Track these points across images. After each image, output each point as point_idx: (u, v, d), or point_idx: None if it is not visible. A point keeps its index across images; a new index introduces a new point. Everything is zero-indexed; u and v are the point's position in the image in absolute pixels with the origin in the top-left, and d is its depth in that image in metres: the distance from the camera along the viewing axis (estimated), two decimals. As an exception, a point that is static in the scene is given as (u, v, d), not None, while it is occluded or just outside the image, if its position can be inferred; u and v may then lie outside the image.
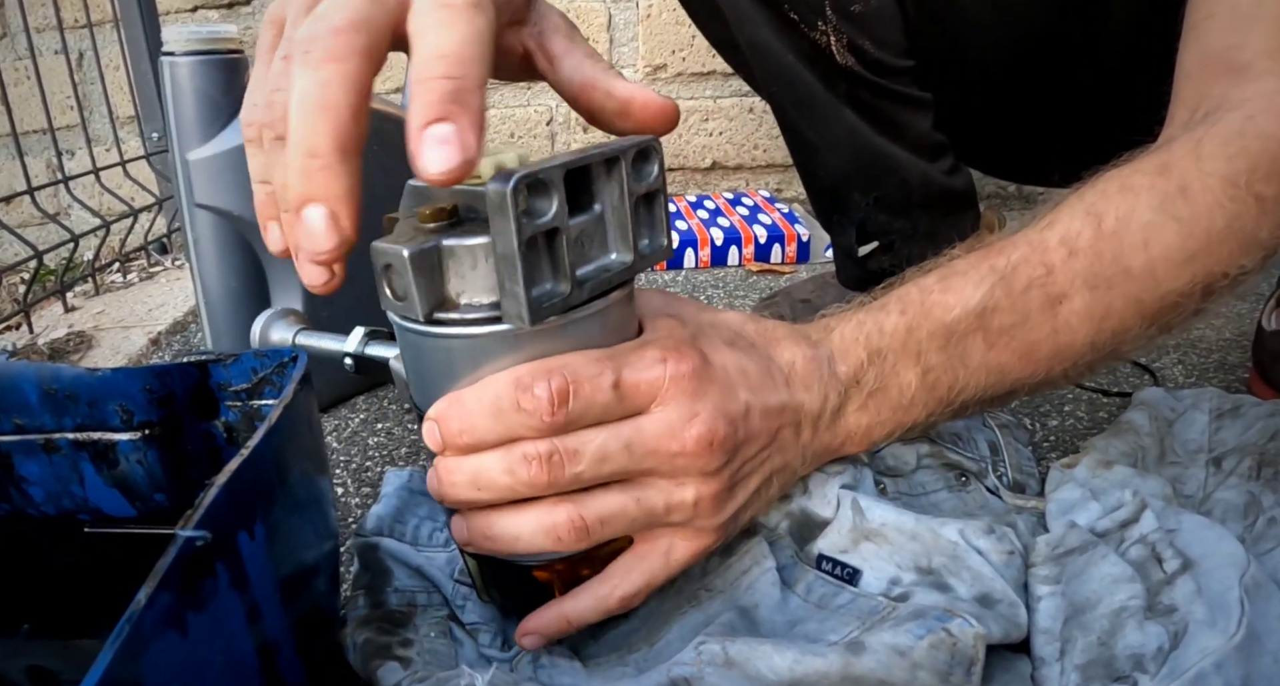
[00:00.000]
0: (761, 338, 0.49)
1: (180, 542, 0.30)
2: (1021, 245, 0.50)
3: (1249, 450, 0.61)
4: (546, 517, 0.42)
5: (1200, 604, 0.44)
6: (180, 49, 0.81)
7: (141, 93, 1.65)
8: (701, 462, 0.43)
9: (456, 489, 0.43)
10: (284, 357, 0.51)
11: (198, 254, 0.86)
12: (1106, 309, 0.49)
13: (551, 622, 0.47)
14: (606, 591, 0.46)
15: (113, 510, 0.54)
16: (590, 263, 0.42)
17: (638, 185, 0.41)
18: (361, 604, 0.54)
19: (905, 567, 0.47)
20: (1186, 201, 0.49)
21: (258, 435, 0.38)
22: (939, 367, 0.49)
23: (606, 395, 0.41)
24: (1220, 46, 0.56)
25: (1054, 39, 0.87)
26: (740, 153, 1.89)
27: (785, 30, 0.88)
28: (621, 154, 0.40)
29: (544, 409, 0.39)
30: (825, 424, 0.48)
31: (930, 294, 0.50)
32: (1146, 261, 0.48)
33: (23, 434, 0.52)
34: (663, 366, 0.42)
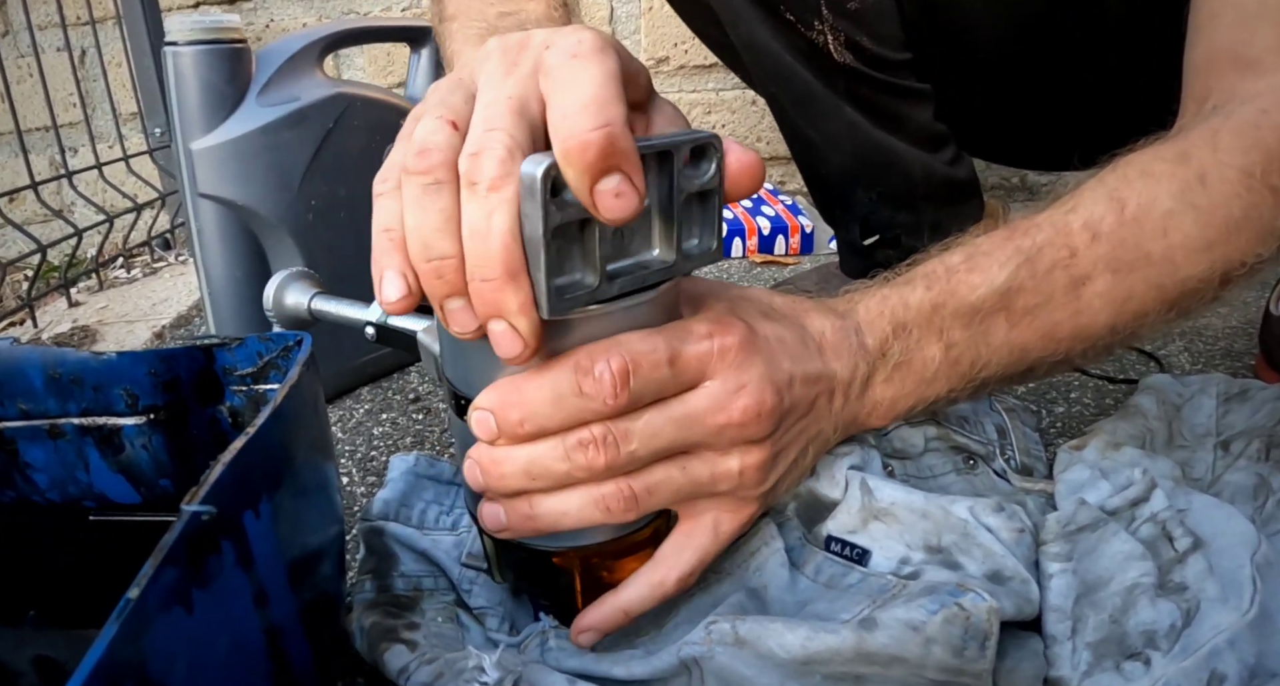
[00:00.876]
0: (790, 309, 0.49)
1: (186, 518, 0.30)
2: (1046, 227, 0.51)
3: (1257, 433, 0.61)
4: (595, 490, 0.42)
5: (1212, 582, 0.43)
6: (183, 39, 0.81)
7: (144, 88, 1.65)
8: (750, 432, 0.43)
9: (508, 480, 0.42)
10: (289, 341, 0.51)
11: (201, 244, 0.86)
12: (1128, 292, 0.50)
13: (609, 616, 0.46)
14: (661, 576, 0.46)
15: (118, 496, 0.54)
16: (628, 258, 0.40)
17: (690, 182, 0.39)
18: (368, 588, 0.53)
19: (915, 547, 0.47)
20: (1205, 190, 0.50)
21: (263, 415, 0.38)
22: (962, 344, 0.49)
23: (664, 371, 0.41)
24: (1227, 43, 0.57)
25: (1053, 24, 0.87)
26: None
27: (781, 30, 0.88)
28: (675, 148, 0.38)
29: (607, 391, 0.39)
30: (855, 393, 0.49)
31: (956, 272, 0.50)
32: (1166, 248, 0.49)
33: (28, 419, 0.52)
34: (710, 340, 0.42)
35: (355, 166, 0.89)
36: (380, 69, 1.90)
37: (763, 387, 0.43)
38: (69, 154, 1.89)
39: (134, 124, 1.76)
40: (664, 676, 0.44)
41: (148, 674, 0.27)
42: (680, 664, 0.43)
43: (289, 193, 0.85)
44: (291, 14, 1.89)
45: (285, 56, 0.86)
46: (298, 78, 0.87)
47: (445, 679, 0.42)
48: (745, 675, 0.42)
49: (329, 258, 0.87)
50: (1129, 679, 0.41)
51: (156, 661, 0.28)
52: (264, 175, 0.83)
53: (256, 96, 0.84)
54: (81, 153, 1.89)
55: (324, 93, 0.87)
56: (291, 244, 0.86)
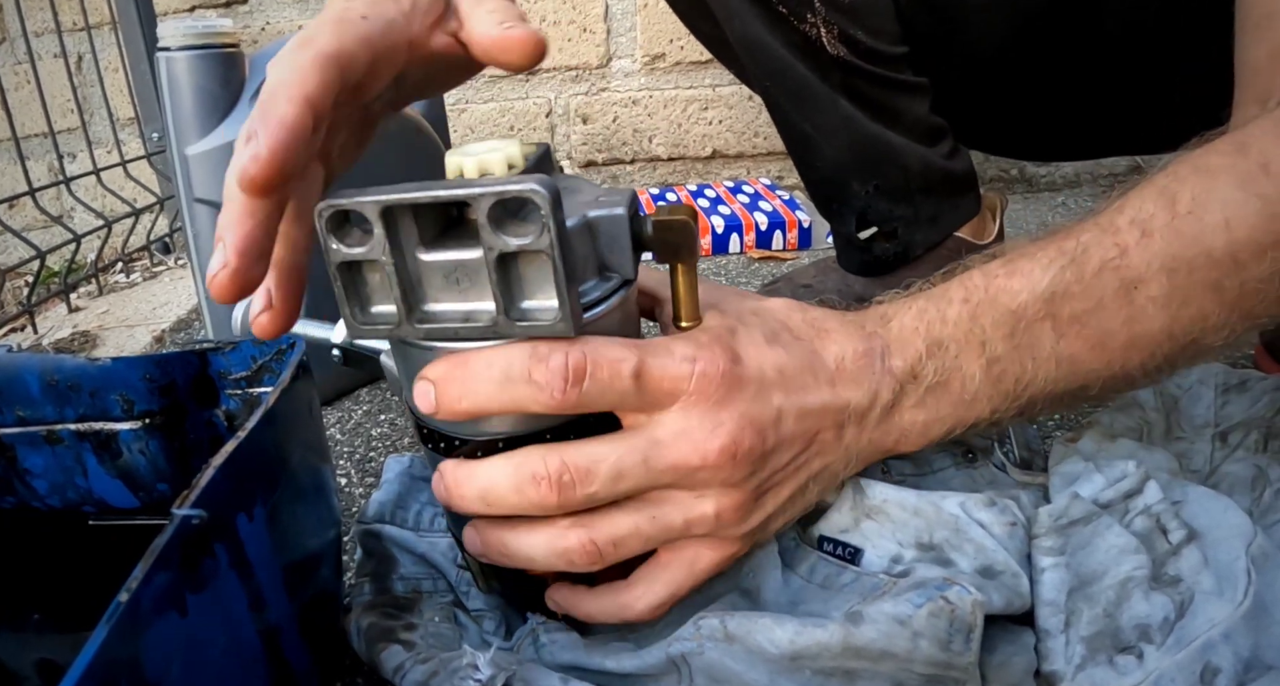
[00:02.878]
0: (809, 329, 0.46)
1: (177, 522, 0.30)
2: (1091, 228, 0.46)
3: (1256, 423, 0.61)
4: (558, 541, 0.41)
5: (1207, 574, 0.44)
6: (176, 44, 0.81)
7: (141, 93, 1.65)
8: (724, 475, 0.41)
9: (466, 502, 0.41)
10: (282, 345, 0.51)
11: (198, 248, 0.86)
12: (1185, 295, 0.45)
13: (574, 605, 0.46)
14: (629, 600, 0.44)
15: (117, 501, 0.55)
16: (460, 302, 0.39)
17: (502, 241, 0.36)
18: (367, 590, 0.54)
19: (906, 544, 0.47)
20: (1270, 180, 0.44)
21: (255, 417, 0.38)
22: (1005, 358, 0.45)
23: (625, 383, 0.39)
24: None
25: (1051, 14, 0.87)
26: (741, 141, 1.88)
27: (775, 24, 0.87)
28: (475, 201, 0.35)
29: (556, 384, 0.38)
30: (874, 422, 0.45)
31: (995, 278, 0.46)
32: (1228, 243, 0.44)
33: (25, 426, 0.52)
34: (691, 365, 0.40)
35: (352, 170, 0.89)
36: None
37: (742, 428, 0.40)
38: (67, 160, 1.90)
39: (131, 129, 1.77)
40: (654, 672, 0.44)
41: (144, 675, 0.28)
42: (669, 660, 0.43)
43: (285, 196, 0.85)
44: (287, 17, 1.88)
45: (279, 59, 0.86)
46: (292, 81, 0.87)
47: (440, 677, 0.42)
48: (735, 670, 0.42)
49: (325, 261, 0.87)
50: (1122, 672, 0.41)
51: (152, 663, 0.28)
52: (259, 179, 0.84)
53: (250, 100, 0.84)
54: (80, 158, 1.90)
55: (318, 95, 0.87)
56: (288, 247, 0.86)
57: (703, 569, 0.44)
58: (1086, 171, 1.79)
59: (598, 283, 0.41)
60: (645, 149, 1.90)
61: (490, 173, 0.40)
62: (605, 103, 1.87)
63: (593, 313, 0.40)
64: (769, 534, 0.46)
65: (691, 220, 0.40)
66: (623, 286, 0.42)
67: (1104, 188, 1.72)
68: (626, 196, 0.41)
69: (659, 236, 0.41)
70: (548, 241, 0.35)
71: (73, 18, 1.71)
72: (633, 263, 0.42)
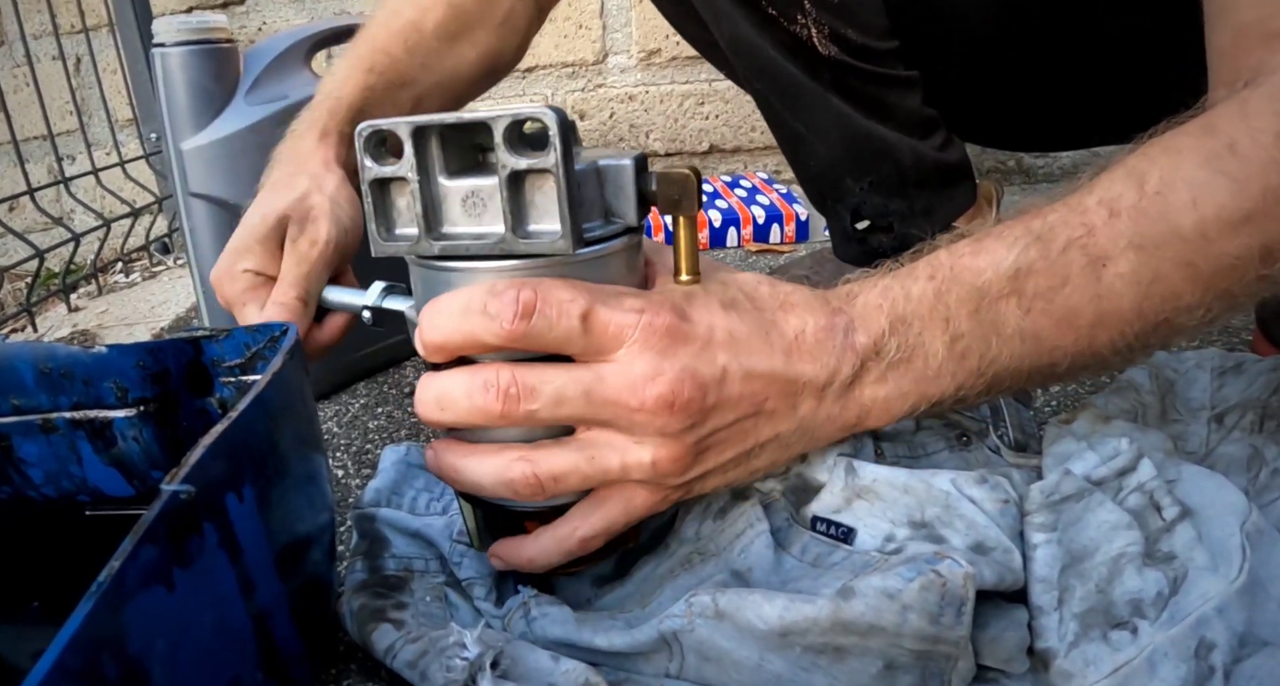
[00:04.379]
0: (773, 301, 0.47)
1: (165, 497, 0.30)
2: (1060, 208, 0.47)
3: (1251, 405, 0.61)
4: (504, 471, 0.44)
5: (1201, 550, 0.43)
6: (171, 40, 0.81)
7: (139, 94, 1.65)
8: (660, 422, 0.42)
9: (424, 406, 0.44)
10: (275, 332, 0.51)
11: (194, 242, 0.86)
12: (1155, 272, 0.45)
13: (514, 558, 0.48)
14: (566, 532, 0.46)
15: (112, 490, 0.55)
16: (473, 226, 0.43)
17: (515, 160, 0.40)
18: (359, 568, 0.54)
19: (899, 522, 0.47)
20: (1237, 159, 0.45)
21: (246, 399, 0.38)
22: (969, 335, 0.45)
23: (571, 321, 0.41)
24: (1253, 19, 0.53)
25: (1036, 6, 0.87)
26: (737, 135, 1.88)
27: (764, 25, 0.87)
28: (493, 122, 0.39)
29: (506, 315, 0.40)
30: (833, 396, 0.46)
31: (961, 257, 0.46)
32: (1197, 220, 0.44)
33: (20, 414, 0.52)
34: (637, 315, 0.42)
35: (346, 163, 0.89)
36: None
37: (681, 379, 0.42)
38: (66, 162, 1.90)
39: (130, 129, 1.77)
40: (644, 650, 0.44)
41: (126, 650, 0.28)
42: (660, 638, 0.43)
43: (280, 190, 0.85)
44: (284, 16, 1.89)
45: (273, 55, 0.87)
46: (286, 76, 0.87)
47: (429, 657, 0.43)
48: (725, 648, 0.42)
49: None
50: (1116, 648, 0.41)
51: (136, 638, 0.28)
52: (253, 172, 0.83)
53: (245, 95, 0.84)
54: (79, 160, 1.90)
55: (312, 90, 0.86)
56: (283, 241, 0.86)
57: (638, 507, 0.46)
58: (1084, 161, 1.79)
59: (602, 224, 0.45)
60: (642, 144, 1.90)
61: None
62: (602, 98, 1.87)
63: (593, 248, 0.44)
64: (706, 488, 0.48)
65: (693, 174, 0.43)
66: (626, 233, 0.46)
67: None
68: (636, 152, 0.44)
69: (662, 188, 0.44)
70: (553, 160, 0.39)
71: (70, 20, 1.71)
72: (637, 211, 0.45)
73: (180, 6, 1.91)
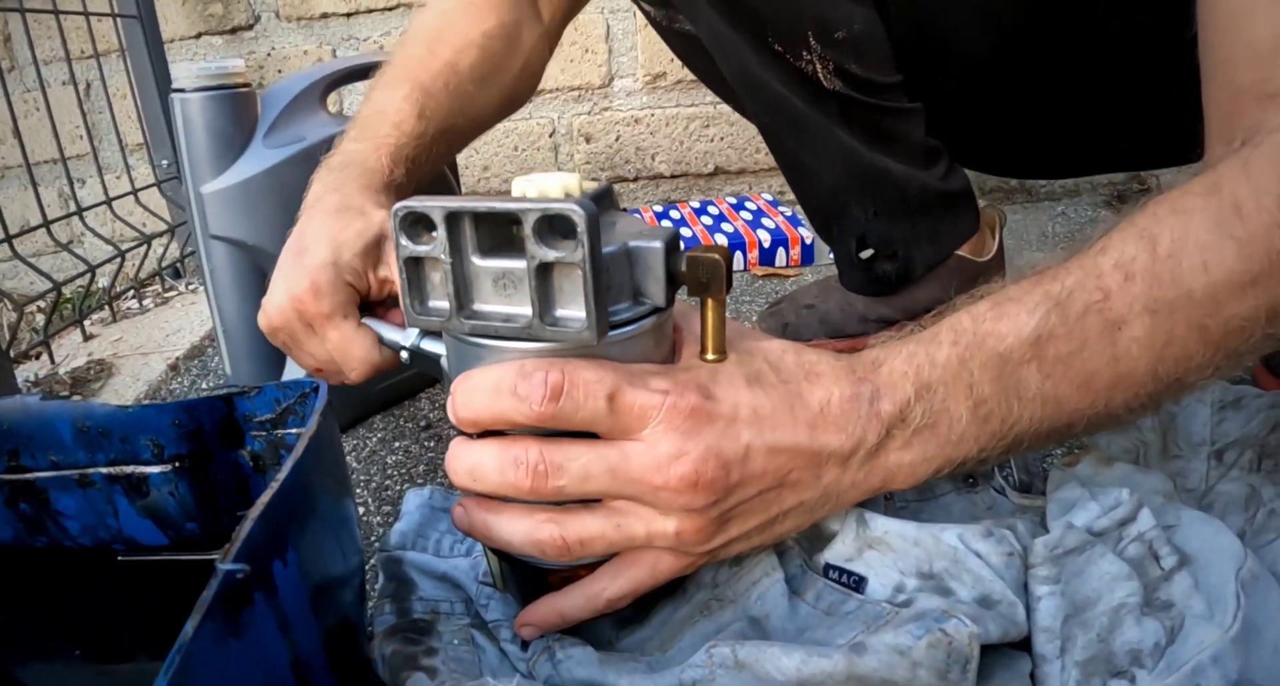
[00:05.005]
0: (799, 371, 0.48)
1: (221, 576, 0.32)
2: (1075, 270, 0.48)
3: (1250, 442, 0.62)
4: (533, 532, 0.46)
5: (1197, 598, 0.45)
6: (190, 85, 0.83)
7: (150, 120, 1.67)
8: (684, 500, 0.44)
9: (456, 474, 0.46)
10: (305, 388, 0.53)
11: (214, 282, 0.88)
12: (1168, 335, 0.46)
13: (546, 616, 0.50)
14: (595, 591, 0.48)
15: (146, 539, 0.57)
16: (503, 305, 0.44)
17: (544, 252, 0.41)
18: (387, 611, 0.56)
19: (908, 573, 0.49)
20: (1242, 221, 0.46)
21: (286, 466, 0.40)
22: (992, 400, 0.47)
23: (598, 403, 0.43)
24: (1248, 81, 0.54)
25: (1038, 39, 0.89)
26: (742, 157, 1.90)
27: (771, 61, 0.89)
28: (523, 215, 0.41)
29: (535, 397, 0.42)
30: (858, 463, 0.47)
31: (983, 322, 0.48)
32: (1208, 284, 0.46)
33: (58, 470, 0.54)
34: (662, 397, 0.43)
35: (361, 202, 0.91)
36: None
37: (704, 458, 0.43)
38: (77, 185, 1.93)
39: (140, 154, 1.79)
40: (666, 695, 0.46)
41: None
42: (680, 684, 0.45)
43: (298, 230, 0.87)
44: (292, 42, 1.91)
45: (289, 97, 0.89)
46: (302, 118, 0.89)
47: (464, 709, 0.45)
48: (745, 698, 0.44)
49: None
50: (1117, 695, 0.43)
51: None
52: (272, 215, 0.86)
53: (263, 138, 0.86)
54: (90, 184, 1.92)
55: (328, 131, 0.89)
56: (302, 280, 0.88)
57: (663, 571, 0.48)
58: (1086, 181, 1.81)
59: (630, 305, 0.45)
60: (648, 167, 1.92)
61: (544, 193, 0.44)
62: (608, 122, 1.89)
63: (621, 331, 0.45)
64: (731, 553, 0.49)
65: (723, 259, 0.44)
66: (654, 313, 0.46)
67: (1104, 197, 1.74)
68: (668, 233, 0.45)
69: (691, 272, 0.45)
70: (581, 255, 0.40)
71: (80, 45, 1.73)
72: (665, 292, 0.45)
73: (190, 32, 1.93)
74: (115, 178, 1.73)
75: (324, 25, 1.89)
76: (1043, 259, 0.51)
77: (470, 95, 0.83)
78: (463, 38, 0.83)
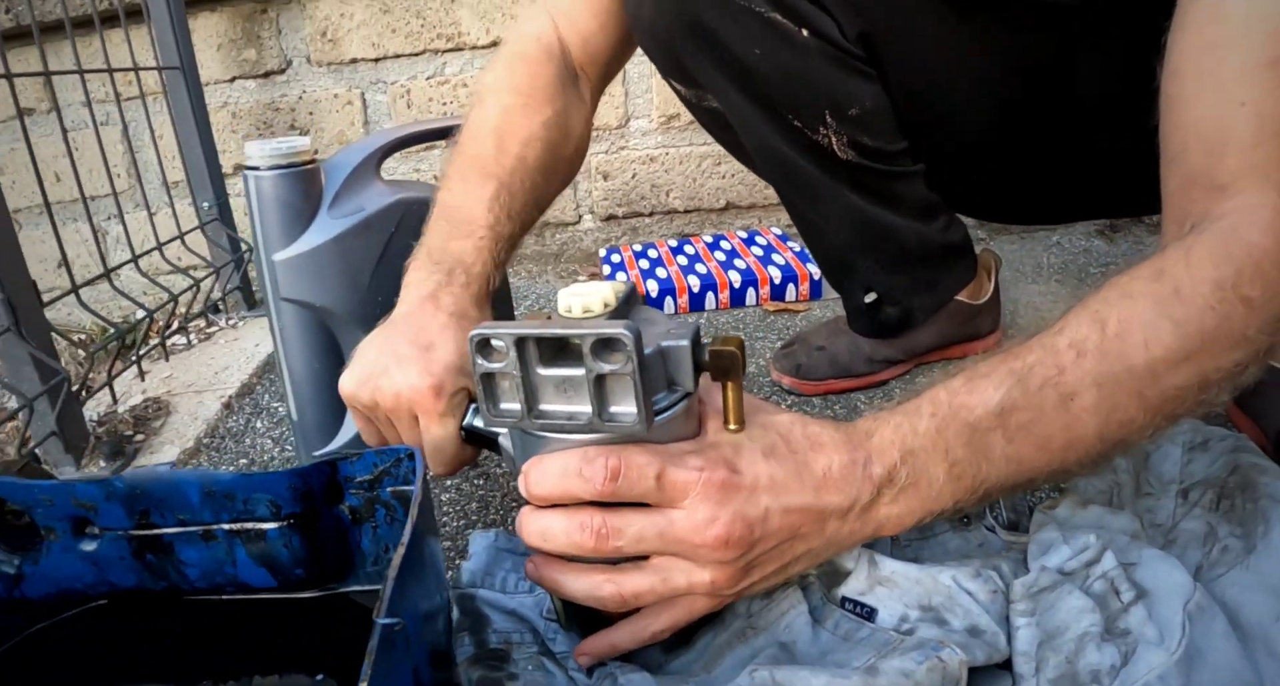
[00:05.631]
0: (805, 442, 0.57)
1: (380, 630, 0.42)
2: (1036, 349, 0.57)
3: (1212, 483, 0.71)
4: (595, 589, 0.56)
5: (1150, 627, 0.55)
6: (264, 164, 0.92)
7: (191, 164, 1.76)
8: (718, 555, 0.53)
9: (529, 536, 0.56)
10: (400, 454, 0.62)
11: (284, 339, 0.98)
12: (1113, 403, 0.55)
13: (601, 647, 0.61)
14: (642, 627, 0.59)
15: (258, 583, 0.66)
16: (566, 404, 0.53)
17: (600, 366, 0.50)
18: (467, 642, 0.65)
19: (911, 606, 0.59)
20: (1180, 304, 0.55)
21: (407, 532, 0.49)
22: (964, 461, 0.55)
23: (649, 482, 0.53)
24: (1198, 171, 0.63)
25: (1031, 111, 0.98)
26: (753, 192, 2.00)
27: (789, 134, 0.99)
28: (582, 339, 0.50)
29: (598, 480, 0.52)
30: (854, 517, 0.56)
31: (956, 395, 0.57)
32: (1147, 360, 0.55)
33: (184, 526, 0.64)
34: (698, 473, 0.53)
35: (414, 263, 1.01)
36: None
37: (734, 522, 0.52)
38: (113, 221, 2.02)
39: (177, 189, 1.86)
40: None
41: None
42: None
43: (359, 291, 0.97)
44: (323, 85, 2.00)
45: (349, 169, 0.98)
46: (361, 188, 0.98)
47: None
48: (780, 714, 0.54)
49: (395, 345, 0.98)
50: (1082, 708, 0.52)
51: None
52: (337, 279, 0.95)
53: (328, 210, 0.95)
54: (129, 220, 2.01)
55: (386, 200, 0.99)
56: (362, 336, 0.97)
57: (698, 610, 0.58)
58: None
59: (666, 394, 0.55)
60: (663, 203, 2.02)
61: (591, 310, 0.54)
62: (624, 160, 1.99)
63: (661, 416, 0.54)
64: (754, 592, 0.59)
65: (739, 351, 0.54)
66: (685, 397, 0.56)
67: (1097, 227, 1.83)
68: (691, 329, 0.55)
69: (713, 362, 0.54)
70: (631, 368, 0.50)
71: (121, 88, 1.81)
72: (693, 379, 0.55)
73: (224, 76, 2.03)
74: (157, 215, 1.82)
75: (353, 70, 1.99)
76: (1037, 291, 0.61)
77: (540, 187, 0.91)
78: (525, 130, 0.90)
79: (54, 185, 1.61)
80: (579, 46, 0.99)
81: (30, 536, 0.65)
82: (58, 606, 0.67)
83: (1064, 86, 0.95)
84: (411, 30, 1.94)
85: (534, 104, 0.92)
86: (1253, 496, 0.65)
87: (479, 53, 1.96)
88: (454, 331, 0.75)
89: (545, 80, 0.94)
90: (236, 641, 0.67)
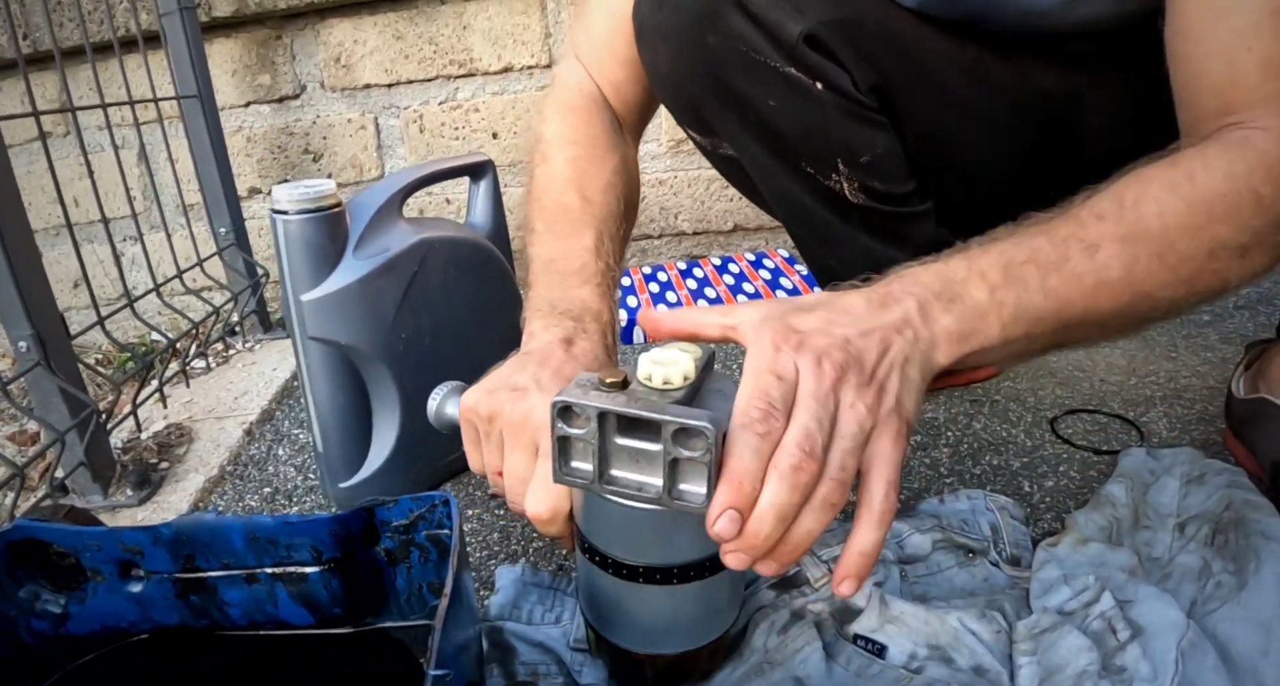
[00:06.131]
0: (830, 298, 0.60)
1: (431, 680, 0.45)
2: (1057, 216, 0.62)
3: (1207, 517, 0.75)
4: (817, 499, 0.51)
5: (1145, 663, 0.58)
6: (294, 209, 0.96)
7: (208, 189, 1.79)
8: (847, 381, 0.53)
9: (772, 538, 0.51)
10: (434, 501, 0.66)
11: (310, 377, 1.01)
12: (1134, 256, 0.60)
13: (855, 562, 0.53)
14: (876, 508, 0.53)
15: (297, 621, 0.69)
16: (637, 474, 0.54)
17: (678, 451, 0.51)
18: (495, 674, 0.69)
19: (920, 644, 0.62)
20: (1193, 186, 0.61)
21: (449, 584, 0.53)
22: (1003, 288, 0.58)
23: (782, 384, 0.52)
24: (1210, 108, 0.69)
25: (1038, 155, 1.02)
26: (759, 215, 2.03)
27: (803, 180, 1.02)
28: (664, 426, 0.50)
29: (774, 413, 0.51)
30: (920, 322, 0.58)
31: (982, 245, 0.61)
32: (1162, 227, 0.60)
33: (228, 570, 0.67)
34: (781, 352, 0.53)
35: (436, 299, 1.05)
36: (419, 157, 2.06)
37: (829, 351, 0.53)
38: (130, 242, 2.05)
39: (193, 212, 1.89)
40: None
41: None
42: None
43: (384, 330, 1.00)
44: (336, 110, 2.04)
45: (373, 211, 1.02)
46: (385, 229, 1.02)
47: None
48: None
49: (416, 379, 1.02)
50: (1081, 742, 0.56)
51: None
52: (363, 318, 0.99)
53: (354, 251, 0.99)
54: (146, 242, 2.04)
55: (409, 241, 1.02)
56: (386, 372, 1.02)
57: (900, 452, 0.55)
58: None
59: None
60: (672, 225, 2.05)
61: (671, 382, 0.55)
62: (633, 183, 2.02)
63: None
64: (910, 410, 0.56)
65: None
66: None
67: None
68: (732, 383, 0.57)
69: None
70: (709, 458, 0.50)
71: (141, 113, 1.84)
72: None
73: (239, 101, 2.06)
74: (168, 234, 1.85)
75: (366, 95, 2.03)
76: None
77: (625, 232, 0.95)
78: (601, 179, 0.93)
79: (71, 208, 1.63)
80: (613, 95, 1.03)
81: (77, 577, 0.69)
82: (101, 642, 0.70)
83: (1072, 128, 0.99)
84: (424, 56, 1.98)
85: (599, 153, 0.95)
86: (1245, 533, 0.68)
87: (490, 78, 1.99)
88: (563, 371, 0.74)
89: (601, 129, 0.98)
90: (274, 675, 0.70)
